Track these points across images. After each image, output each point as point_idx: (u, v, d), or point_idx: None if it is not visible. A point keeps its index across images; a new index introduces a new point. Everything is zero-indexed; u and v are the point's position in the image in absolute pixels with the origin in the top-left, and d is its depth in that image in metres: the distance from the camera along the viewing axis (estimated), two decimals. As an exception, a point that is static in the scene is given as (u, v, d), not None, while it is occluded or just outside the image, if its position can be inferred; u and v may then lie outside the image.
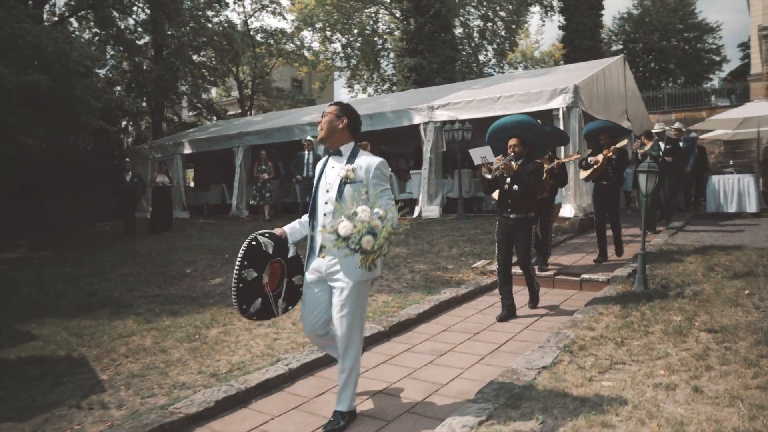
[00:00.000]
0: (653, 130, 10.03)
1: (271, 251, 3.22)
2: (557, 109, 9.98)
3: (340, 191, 2.96)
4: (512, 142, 5.17)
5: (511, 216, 5.11)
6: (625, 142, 7.25)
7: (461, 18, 32.81)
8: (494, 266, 6.83)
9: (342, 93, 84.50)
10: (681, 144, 10.81)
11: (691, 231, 9.12)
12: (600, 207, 7.16)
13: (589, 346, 3.91)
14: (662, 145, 9.72)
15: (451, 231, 9.55)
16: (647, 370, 3.44)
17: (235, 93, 28.72)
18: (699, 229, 9.35)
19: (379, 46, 34.25)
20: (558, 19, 28.39)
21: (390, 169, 11.13)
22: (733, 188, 10.59)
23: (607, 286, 5.83)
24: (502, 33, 34.59)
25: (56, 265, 9.36)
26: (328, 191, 3.04)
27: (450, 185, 12.44)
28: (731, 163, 13.31)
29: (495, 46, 35.14)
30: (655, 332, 4.10)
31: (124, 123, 22.45)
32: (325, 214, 3.01)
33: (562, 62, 30.38)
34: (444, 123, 11.31)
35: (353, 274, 2.94)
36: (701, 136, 14.51)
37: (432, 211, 11.44)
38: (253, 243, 3.15)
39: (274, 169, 13.11)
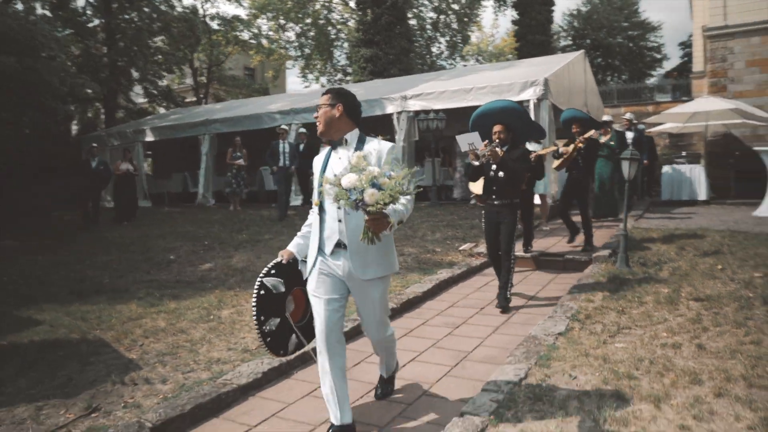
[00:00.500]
0: (603, 119, 10.58)
1: (283, 289, 2.98)
2: (528, 101, 10.44)
3: None
4: (497, 128, 5.15)
5: (496, 202, 5.15)
6: (592, 132, 7.65)
7: (415, 10, 33.18)
8: (481, 248, 7.20)
9: (294, 82, 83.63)
10: (629, 135, 11.41)
11: (652, 218, 9.81)
12: (567, 195, 7.47)
13: (594, 315, 4.30)
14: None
15: (428, 217, 9.88)
16: (651, 333, 3.85)
17: (188, 80, 28.09)
18: (658, 215, 10.07)
19: (333, 36, 34.20)
20: (511, 13, 29.15)
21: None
22: (685, 178, 11.40)
23: (590, 265, 6.29)
24: (455, 26, 35.24)
25: (28, 253, 9.08)
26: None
27: (420, 173, 12.77)
28: (684, 154, 14.27)
29: (448, 39, 35.78)
30: (648, 302, 4.55)
31: (72, 108, 21.61)
32: (338, 207, 2.69)
33: (510, 57, 31.23)
34: (417, 113, 11.61)
35: (371, 272, 2.75)
36: (649, 129, 15.42)
37: (405, 198, 11.73)
38: (262, 292, 2.90)
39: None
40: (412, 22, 32.52)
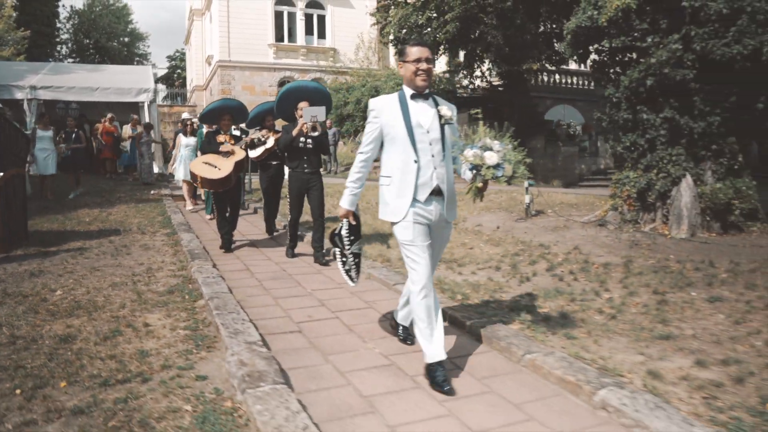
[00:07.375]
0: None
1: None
2: (143, 103, 15.29)
3: (443, 132, 2.98)
4: (304, 104, 5.70)
5: (306, 171, 5.69)
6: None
7: None
8: (164, 192, 12.23)
9: None
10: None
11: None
12: (272, 185, 7.51)
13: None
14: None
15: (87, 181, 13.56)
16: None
17: None
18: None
19: None
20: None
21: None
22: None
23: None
24: None
25: None
26: (428, 132, 2.93)
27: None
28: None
29: None
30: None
31: None
32: (433, 155, 2.92)
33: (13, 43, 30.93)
34: (55, 102, 14.55)
35: (453, 214, 3.09)
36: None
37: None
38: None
39: None
40: None
